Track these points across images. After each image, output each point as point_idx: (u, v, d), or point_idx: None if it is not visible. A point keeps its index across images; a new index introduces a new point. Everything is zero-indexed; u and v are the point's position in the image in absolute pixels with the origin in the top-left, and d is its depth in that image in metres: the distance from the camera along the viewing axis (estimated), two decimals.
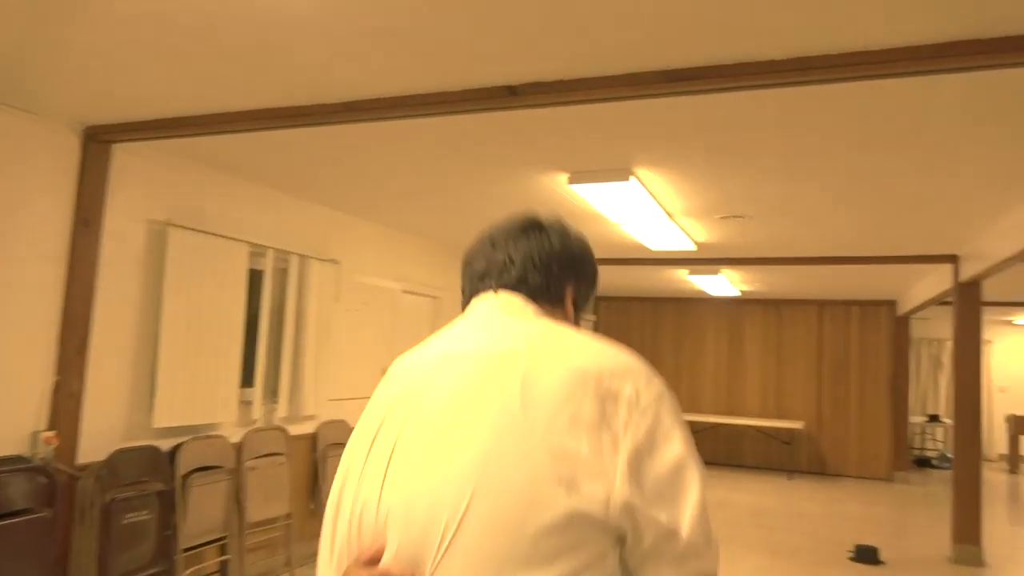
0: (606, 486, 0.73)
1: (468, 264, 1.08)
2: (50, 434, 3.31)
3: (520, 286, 1.02)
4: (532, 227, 1.08)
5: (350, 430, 5.49)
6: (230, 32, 2.35)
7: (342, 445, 5.35)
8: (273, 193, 4.80)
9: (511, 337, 0.87)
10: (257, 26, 2.30)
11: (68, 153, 3.43)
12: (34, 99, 3.09)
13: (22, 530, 3.07)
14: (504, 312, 0.98)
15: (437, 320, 7.13)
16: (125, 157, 3.72)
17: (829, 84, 2.60)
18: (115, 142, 3.49)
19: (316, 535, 5.14)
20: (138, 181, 3.82)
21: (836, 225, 5.14)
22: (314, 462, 5.17)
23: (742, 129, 3.16)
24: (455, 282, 7.38)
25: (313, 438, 5.18)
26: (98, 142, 3.42)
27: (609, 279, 9.25)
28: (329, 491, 0.90)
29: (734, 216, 4.98)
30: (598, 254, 7.02)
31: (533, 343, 0.85)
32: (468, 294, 1.07)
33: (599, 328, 11.44)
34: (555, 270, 1.04)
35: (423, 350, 0.95)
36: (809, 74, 2.35)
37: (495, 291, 1.03)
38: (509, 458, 0.74)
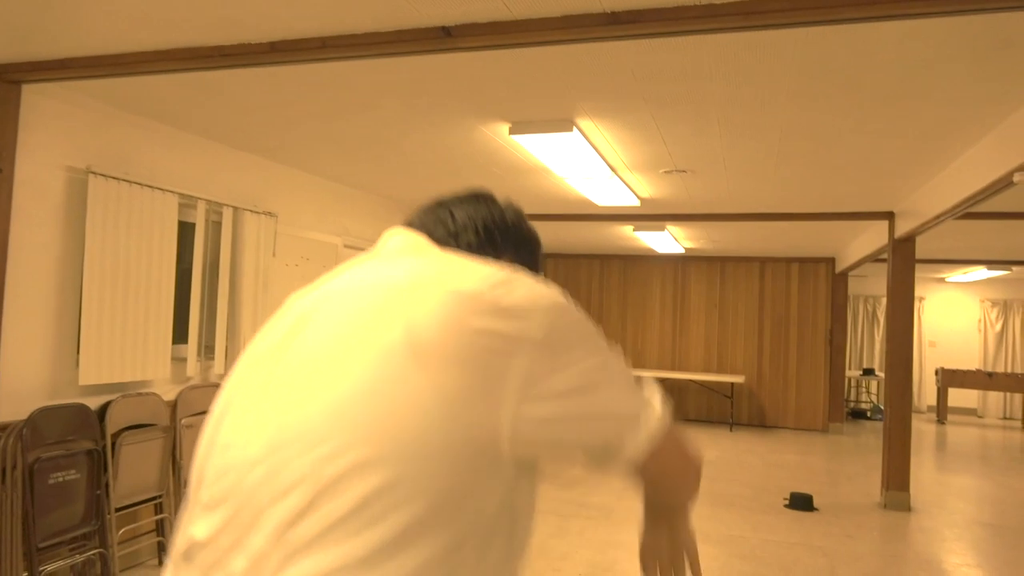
0: (500, 413, 0.68)
1: (408, 223, 0.99)
2: None
3: (448, 239, 0.93)
4: (486, 197, 0.99)
5: None
6: None
7: None
8: (204, 142, 4.60)
9: (403, 270, 0.81)
10: None
11: None
12: None
13: None
14: (407, 247, 0.91)
15: None
16: (38, 99, 3.49)
17: (770, 31, 2.57)
18: (24, 82, 3.27)
19: None
20: (54, 126, 3.60)
21: (777, 181, 5.19)
22: None
23: (684, 80, 3.12)
24: None
25: None
26: (4, 82, 3.19)
27: (557, 236, 9.23)
28: None
29: (677, 171, 4.97)
30: (544, 210, 6.98)
31: (420, 273, 0.79)
32: None
33: None
34: (497, 239, 0.95)
35: (317, 284, 0.88)
36: (750, 19, 2.30)
37: (405, 228, 0.96)
38: (388, 396, 0.68)
